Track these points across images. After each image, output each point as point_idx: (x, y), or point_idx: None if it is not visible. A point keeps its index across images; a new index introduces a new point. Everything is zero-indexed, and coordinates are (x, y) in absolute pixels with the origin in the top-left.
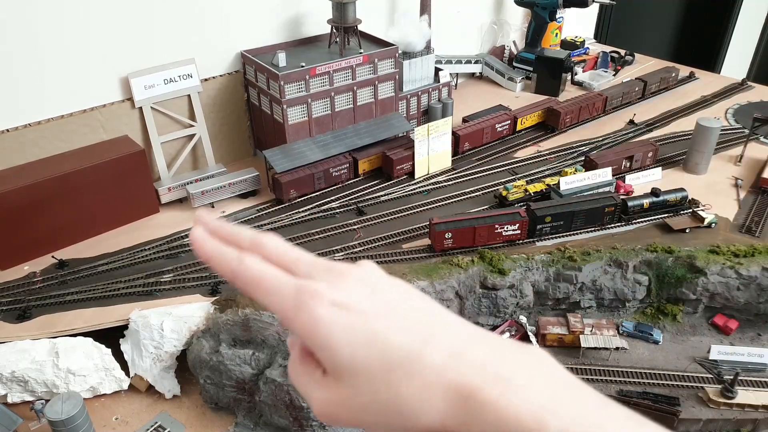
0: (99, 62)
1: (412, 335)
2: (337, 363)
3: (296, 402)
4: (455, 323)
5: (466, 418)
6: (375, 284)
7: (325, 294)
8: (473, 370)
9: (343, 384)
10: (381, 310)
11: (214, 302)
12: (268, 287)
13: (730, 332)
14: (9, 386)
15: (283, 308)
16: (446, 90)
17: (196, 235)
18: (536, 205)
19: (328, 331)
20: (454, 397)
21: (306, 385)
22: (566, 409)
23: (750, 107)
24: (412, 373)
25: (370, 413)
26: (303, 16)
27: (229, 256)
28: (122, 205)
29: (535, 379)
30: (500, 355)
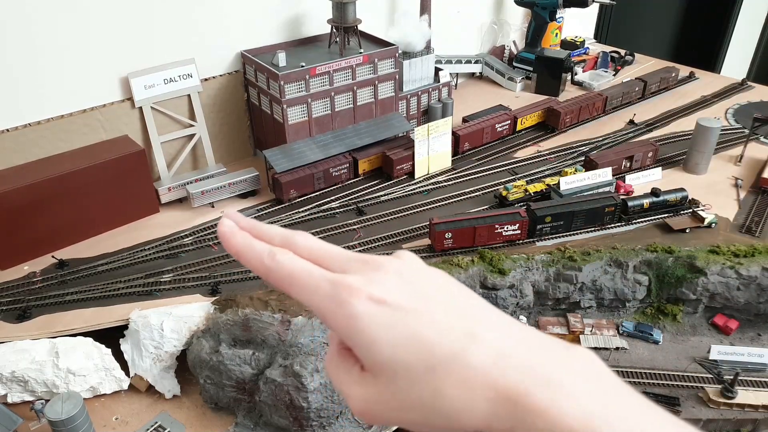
0: (99, 62)
1: (455, 333)
2: (375, 360)
3: (296, 402)
4: (500, 320)
5: (512, 422)
6: (414, 277)
7: (363, 289)
8: (521, 373)
9: (381, 382)
10: (421, 305)
11: (214, 302)
12: (302, 283)
13: (730, 332)
14: (9, 386)
15: (318, 304)
16: (446, 90)
17: (225, 228)
18: (536, 205)
19: (366, 328)
20: (500, 400)
21: (343, 382)
22: (617, 418)
23: (750, 107)
24: (455, 373)
25: (409, 412)
26: (303, 16)
27: (261, 250)
28: (122, 205)
29: (585, 384)
30: (548, 357)
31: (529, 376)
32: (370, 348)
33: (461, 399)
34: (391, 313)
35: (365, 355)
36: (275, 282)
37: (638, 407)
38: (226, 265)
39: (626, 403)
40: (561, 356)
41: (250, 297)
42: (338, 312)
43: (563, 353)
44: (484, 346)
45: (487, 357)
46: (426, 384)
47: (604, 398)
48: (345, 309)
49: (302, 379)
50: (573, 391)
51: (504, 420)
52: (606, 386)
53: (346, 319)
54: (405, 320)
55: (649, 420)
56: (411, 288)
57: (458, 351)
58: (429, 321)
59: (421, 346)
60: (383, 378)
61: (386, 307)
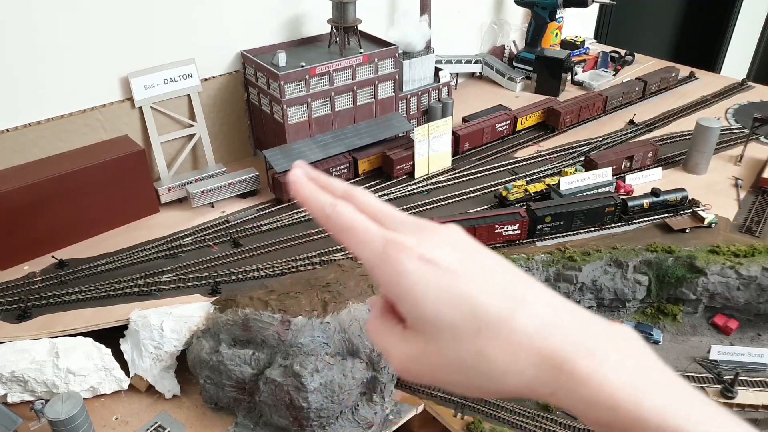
0: (99, 62)
1: (503, 299)
2: (420, 317)
3: (296, 402)
4: (546, 292)
5: (555, 387)
6: (463, 245)
7: (414, 248)
8: (567, 341)
9: (425, 339)
10: (470, 270)
11: (214, 302)
12: (357, 235)
13: (730, 332)
14: (9, 386)
15: (370, 257)
16: (446, 90)
17: (296, 177)
18: (536, 205)
19: (414, 285)
20: (544, 365)
21: (386, 341)
22: (660, 392)
23: (750, 107)
24: (500, 336)
25: (451, 370)
26: (303, 16)
27: (324, 200)
28: (122, 205)
29: (628, 359)
30: (593, 329)
31: (574, 344)
32: (417, 304)
33: (505, 361)
34: (440, 273)
35: (411, 311)
36: (333, 230)
37: (679, 385)
38: (226, 265)
39: (667, 381)
40: (605, 330)
41: (250, 297)
42: (388, 267)
43: (607, 328)
44: (531, 312)
45: (534, 323)
46: (470, 344)
47: (646, 373)
48: (395, 265)
49: (302, 379)
50: (616, 363)
51: (546, 385)
52: (648, 363)
53: (395, 275)
54: (453, 281)
55: (690, 397)
56: (461, 253)
57: (505, 315)
58: (477, 284)
59: (467, 308)
60: (427, 335)
61: (436, 267)
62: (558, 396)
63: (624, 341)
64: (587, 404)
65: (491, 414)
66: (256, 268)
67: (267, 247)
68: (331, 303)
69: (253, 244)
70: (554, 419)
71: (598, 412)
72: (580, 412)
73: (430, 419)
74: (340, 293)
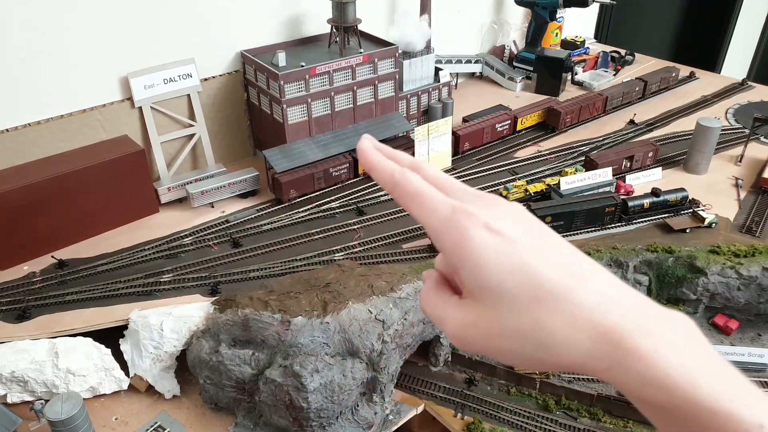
0: (98, 62)
1: (564, 272)
2: (481, 283)
3: (296, 402)
4: (605, 272)
5: (610, 363)
6: (526, 219)
7: (480, 216)
8: (625, 318)
9: (484, 307)
10: (533, 242)
11: (214, 302)
12: (424, 201)
13: (731, 332)
14: (9, 386)
15: (436, 223)
16: (446, 90)
17: (365, 145)
18: (536, 205)
19: (478, 251)
20: (603, 339)
21: (441, 309)
22: (716, 376)
23: (750, 107)
24: (560, 308)
25: (507, 339)
26: (303, 16)
27: (392, 167)
28: (122, 205)
29: (684, 342)
30: (651, 311)
31: (632, 321)
32: (479, 271)
33: (562, 333)
34: (503, 242)
35: (472, 276)
36: (400, 197)
37: (733, 373)
38: (226, 265)
39: (721, 367)
40: (663, 314)
41: (249, 297)
42: (453, 233)
43: (666, 312)
44: (591, 287)
45: (594, 297)
46: (529, 314)
47: (702, 357)
48: (460, 231)
49: (302, 380)
50: (674, 344)
51: (601, 360)
52: (703, 349)
53: (459, 239)
54: (516, 251)
55: (743, 385)
56: (523, 227)
57: (566, 288)
58: (539, 257)
59: (529, 278)
60: (486, 303)
61: (500, 236)
62: (613, 372)
63: (681, 326)
64: (643, 382)
65: (491, 414)
66: (256, 268)
67: (267, 247)
68: (331, 303)
69: (253, 244)
70: (554, 419)
71: (653, 392)
72: (634, 390)
73: (430, 419)
74: (340, 293)
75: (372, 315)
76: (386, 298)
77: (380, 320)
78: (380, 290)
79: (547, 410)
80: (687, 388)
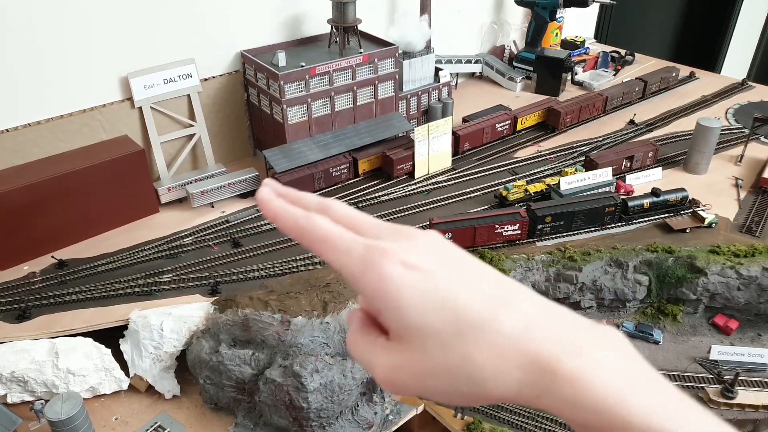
0: (99, 62)
1: (486, 300)
2: (404, 324)
3: (296, 402)
4: (530, 293)
5: (540, 390)
6: (445, 249)
7: (395, 253)
8: (552, 341)
9: (409, 347)
10: (452, 273)
11: (214, 302)
12: (335, 245)
13: (731, 332)
14: (9, 386)
15: (350, 266)
16: (446, 90)
17: (264, 194)
18: (536, 205)
19: (397, 290)
20: (530, 367)
21: (368, 352)
22: (647, 393)
23: (750, 107)
24: (485, 339)
25: (437, 378)
26: (303, 16)
27: (297, 213)
28: (122, 205)
29: (614, 359)
30: (577, 330)
31: (560, 344)
32: (400, 311)
33: (491, 365)
34: (422, 278)
35: (394, 317)
36: (309, 243)
37: (664, 387)
38: (226, 265)
39: (654, 381)
40: (590, 331)
41: (249, 297)
42: (369, 274)
43: (592, 328)
44: (515, 314)
45: (519, 324)
46: (455, 349)
47: (631, 374)
48: (377, 271)
49: (302, 380)
50: (603, 363)
51: (532, 387)
52: (633, 364)
53: (377, 281)
54: (436, 285)
55: (675, 399)
56: (442, 258)
57: (489, 317)
58: (460, 288)
59: (451, 311)
60: (411, 343)
61: (418, 271)
62: (544, 399)
63: (610, 342)
64: (573, 406)
65: (491, 414)
66: (256, 268)
67: (267, 247)
68: (331, 303)
69: (253, 244)
70: (554, 419)
71: (584, 414)
72: (566, 414)
73: (430, 419)
74: (340, 293)
75: None
76: None
77: None
78: None
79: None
80: (617, 409)
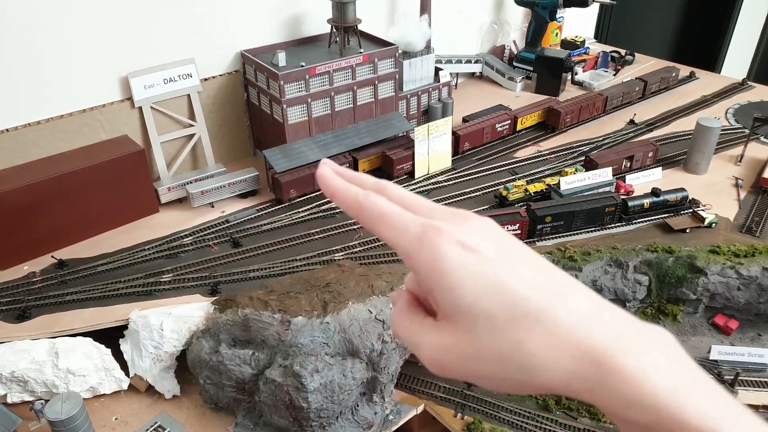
0: (98, 62)
1: (541, 290)
2: (456, 304)
3: (296, 402)
4: (582, 287)
5: (593, 384)
6: (498, 235)
7: (452, 233)
8: (608, 336)
9: (459, 329)
10: (508, 259)
11: (214, 302)
12: (392, 222)
13: (731, 332)
14: (9, 386)
15: (406, 243)
16: (446, 90)
17: (324, 171)
18: (536, 205)
19: (452, 270)
20: (584, 359)
21: (415, 332)
22: (699, 392)
23: (750, 107)
24: (539, 328)
25: (485, 362)
26: (303, 16)
27: (355, 191)
28: (122, 205)
29: (668, 359)
30: (632, 327)
31: (615, 340)
32: (454, 292)
33: (543, 353)
34: (478, 260)
35: (447, 297)
36: (366, 220)
37: (714, 389)
38: (226, 265)
39: (704, 383)
40: (644, 329)
41: (249, 297)
42: (425, 252)
43: (645, 327)
44: (571, 306)
45: (575, 316)
46: (508, 335)
47: (686, 373)
48: (433, 250)
49: (302, 380)
50: (657, 362)
51: (584, 380)
52: (685, 365)
53: (432, 260)
54: (492, 269)
55: (725, 401)
56: (498, 243)
57: (545, 306)
58: (516, 274)
59: (506, 297)
60: (462, 325)
61: (474, 253)
62: (596, 393)
63: (663, 341)
64: (627, 403)
65: (491, 414)
66: (256, 268)
67: (267, 247)
68: (331, 303)
69: (253, 244)
70: (554, 419)
71: (638, 412)
72: (619, 411)
73: (430, 419)
74: (340, 293)
75: (372, 315)
76: (386, 298)
77: (380, 320)
78: (380, 290)
79: (547, 410)
80: (673, 409)
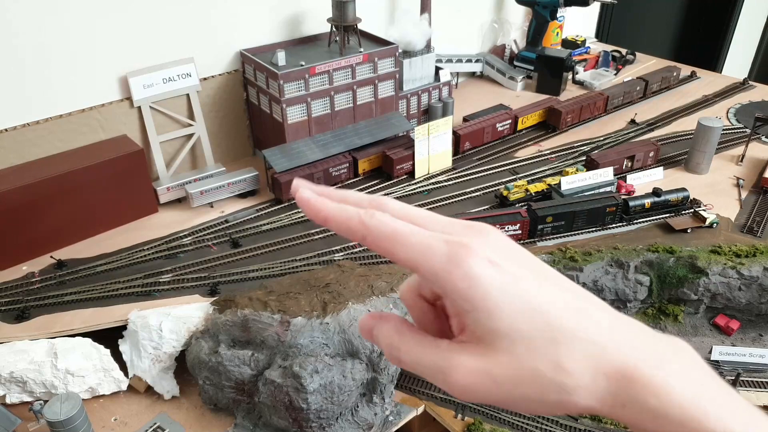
0: (98, 62)
1: (570, 308)
2: (493, 327)
3: (295, 403)
4: (600, 301)
5: (625, 399)
6: (517, 249)
7: (480, 250)
8: (636, 351)
9: (495, 352)
10: (534, 277)
11: (213, 303)
12: (409, 242)
13: (732, 333)
14: (8, 387)
15: (433, 265)
16: (447, 89)
17: (307, 195)
18: (537, 205)
19: (489, 292)
20: (616, 375)
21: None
22: (724, 403)
23: (751, 107)
24: (577, 347)
25: (522, 386)
26: (302, 15)
27: (355, 212)
28: (121, 205)
29: (692, 370)
30: (655, 340)
31: (643, 354)
32: (491, 314)
33: (581, 373)
34: (510, 280)
35: (482, 320)
36: (375, 244)
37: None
38: (226, 266)
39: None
40: (667, 342)
41: (249, 297)
42: (457, 274)
43: (668, 339)
44: (597, 321)
45: (603, 332)
46: (547, 356)
47: (710, 384)
48: (464, 269)
49: (301, 380)
50: (683, 373)
51: (617, 397)
52: (708, 374)
53: (464, 279)
54: (523, 288)
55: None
56: (518, 258)
57: (578, 325)
58: (545, 292)
59: (542, 318)
60: (497, 348)
61: (504, 272)
62: (629, 408)
63: (685, 353)
64: (656, 416)
65: (492, 415)
66: (256, 268)
67: (266, 247)
68: (331, 303)
69: (252, 244)
70: (554, 419)
71: (666, 425)
72: (648, 425)
73: (430, 420)
74: (340, 294)
75: None
76: (386, 299)
77: None
78: (380, 290)
79: None
80: (701, 419)
